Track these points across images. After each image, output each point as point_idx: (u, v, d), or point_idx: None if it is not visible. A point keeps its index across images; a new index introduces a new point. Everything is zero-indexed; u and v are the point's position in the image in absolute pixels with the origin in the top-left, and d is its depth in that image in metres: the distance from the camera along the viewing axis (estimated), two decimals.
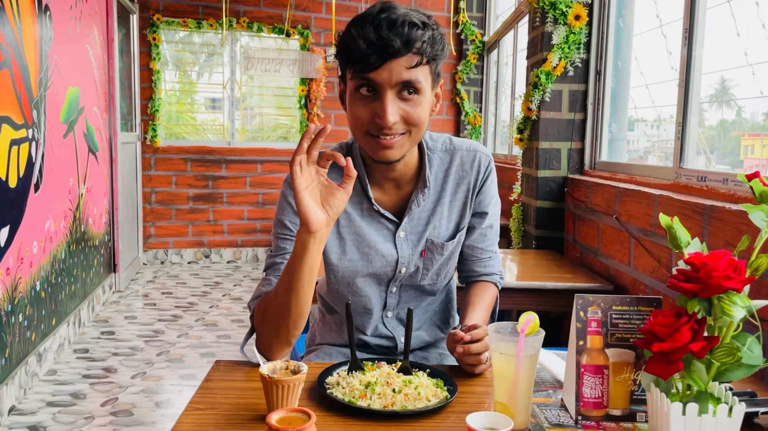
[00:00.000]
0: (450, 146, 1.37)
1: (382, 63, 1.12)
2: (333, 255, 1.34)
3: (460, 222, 1.38)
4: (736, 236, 1.58)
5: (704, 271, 0.83)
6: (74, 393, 2.93)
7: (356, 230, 1.33)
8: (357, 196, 1.32)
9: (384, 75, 1.13)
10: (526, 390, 1.01)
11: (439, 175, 1.35)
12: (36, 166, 3.02)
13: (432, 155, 1.35)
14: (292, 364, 1.06)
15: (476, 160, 1.36)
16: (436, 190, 1.35)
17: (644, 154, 3.17)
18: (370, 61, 1.11)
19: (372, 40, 1.11)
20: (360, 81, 1.15)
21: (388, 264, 1.34)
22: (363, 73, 1.14)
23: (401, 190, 1.34)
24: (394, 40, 1.10)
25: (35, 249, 3.00)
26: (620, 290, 2.35)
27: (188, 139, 5.95)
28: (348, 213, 1.32)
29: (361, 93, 1.16)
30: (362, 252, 1.34)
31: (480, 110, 5.90)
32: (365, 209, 1.33)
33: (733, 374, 0.85)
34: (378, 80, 1.14)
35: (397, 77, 1.13)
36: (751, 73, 2.06)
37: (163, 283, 5.11)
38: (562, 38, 2.88)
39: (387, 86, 1.14)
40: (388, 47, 1.11)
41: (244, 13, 5.67)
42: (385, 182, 1.32)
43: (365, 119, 1.17)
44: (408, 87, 1.15)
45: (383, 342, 1.44)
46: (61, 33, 3.45)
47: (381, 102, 1.15)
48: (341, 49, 1.17)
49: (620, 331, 1.04)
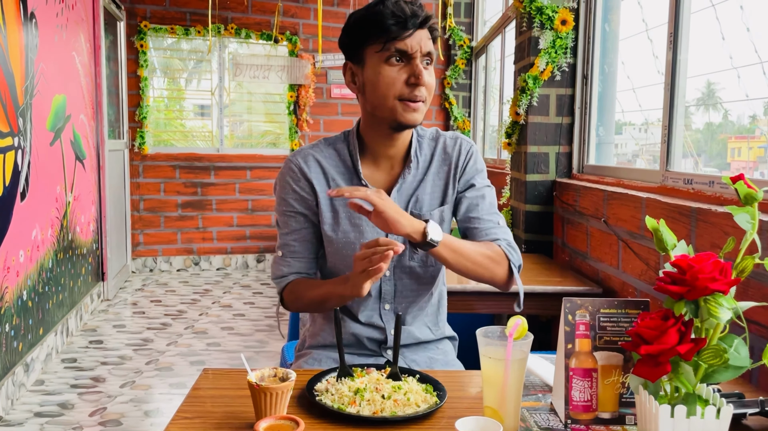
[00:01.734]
0: (436, 134, 1.50)
1: (414, 30, 1.29)
2: (327, 226, 1.42)
3: (443, 198, 1.45)
4: (723, 238, 1.59)
5: (690, 273, 0.83)
6: (62, 403, 2.90)
7: (346, 203, 1.39)
8: (348, 173, 1.43)
9: (415, 43, 1.30)
10: (515, 394, 1.01)
11: (427, 157, 1.46)
12: (22, 174, 2.99)
13: (422, 141, 1.47)
14: (280, 371, 1.05)
15: (457, 144, 1.48)
16: (423, 169, 1.45)
17: (632, 157, 3.19)
18: (407, 27, 1.28)
19: (404, 10, 1.28)
20: (394, 51, 1.30)
21: (378, 234, 1.39)
22: (397, 40, 1.29)
23: (393, 170, 1.44)
24: (420, 13, 1.30)
25: (22, 258, 2.98)
26: (609, 293, 2.35)
27: (177, 146, 5.93)
28: (339, 187, 1.38)
29: (392, 62, 1.31)
30: (354, 224, 1.41)
31: (469, 115, 5.92)
32: (355, 184, 1.41)
33: (720, 376, 0.86)
34: (411, 48, 1.29)
35: (425, 47, 1.31)
36: (737, 77, 2.08)
37: (152, 291, 5.08)
38: (549, 43, 2.89)
39: (418, 53, 1.31)
40: (417, 17, 1.29)
41: (232, 20, 5.66)
42: (382, 160, 1.43)
43: (399, 84, 1.31)
44: (428, 56, 1.33)
45: (374, 334, 1.45)
46: (47, 40, 3.43)
47: (415, 67, 1.30)
48: (368, 22, 1.31)
49: (608, 334, 1.05)
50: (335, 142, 1.46)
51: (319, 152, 1.44)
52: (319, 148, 1.45)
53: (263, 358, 3.57)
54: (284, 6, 5.74)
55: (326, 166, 1.43)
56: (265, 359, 3.57)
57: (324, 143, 1.46)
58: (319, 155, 1.44)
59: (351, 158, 1.43)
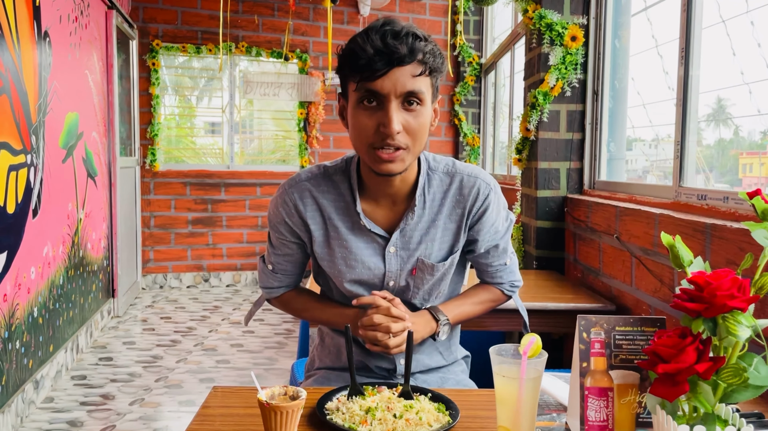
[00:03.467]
0: (452, 169, 1.36)
1: (388, 69, 1.13)
2: (324, 262, 1.38)
3: (453, 245, 1.37)
4: (738, 254, 1.57)
5: (708, 290, 0.82)
6: (71, 420, 2.89)
7: (343, 243, 1.34)
8: (346, 211, 1.34)
9: (389, 84, 1.14)
10: (529, 413, 0.99)
11: (437, 196, 1.34)
12: (34, 191, 3.01)
13: (432, 175, 1.35)
14: (290, 390, 1.04)
15: (476, 186, 1.35)
16: (433, 211, 1.34)
17: (643, 173, 3.17)
18: (376, 67, 1.13)
19: (378, 47, 1.13)
20: (364, 92, 1.16)
21: (375, 276, 1.36)
22: (369, 81, 1.15)
23: (396, 207, 1.34)
24: (399, 47, 1.13)
25: (33, 275, 2.99)
26: (622, 310, 2.33)
27: (187, 163, 5.96)
28: (336, 227, 1.34)
29: (365, 104, 1.18)
30: (348, 265, 1.36)
31: (478, 131, 5.92)
32: (354, 224, 1.34)
33: (740, 395, 0.84)
34: (383, 90, 1.15)
35: (402, 87, 1.15)
36: (748, 92, 2.07)
37: (162, 308, 5.08)
38: (559, 59, 2.89)
39: (392, 95, 1.15)
40: (394, 53, 1.13)
41: (243, 38, 5.71)
42: (382, 197, 1.33)
43: (369, 131, 1.18)
44: (411, 97, 1.17)
45: (383, 363, 1.42)
46: (61, 59, 3.47)
47: (386, 111, 1.16)
48: (345, 58, 1.19)
49: (624, 352, 1.03)
50: (335, 173, 1.36)
51: (316, 185, 1.34)
52: (317, 180, 1.35)
53: (272, 376, 3.55)
54: (294, 24, 5.79)
55: (323, 203, 1.34)
56: (274, 376, 3.55)
57: (323, 175, 1.36)
58: (316, 191, 1.34)
59: (351, 193, 1.33)
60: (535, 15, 2.92)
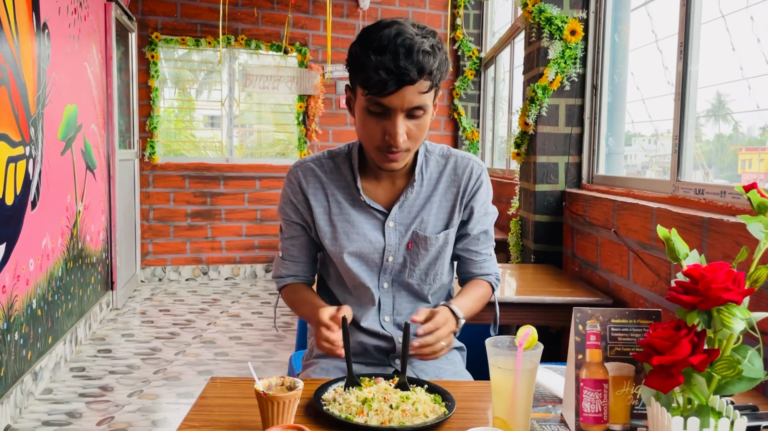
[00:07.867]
0: (447, 152, 1.47)
1: (397, 89, 1.20)
2: (327, 241, 1.43)
3: (448, 221, 1.44)
4: (735, 248, 1.58)
5: (703, 283, 0.82)
6: (70, 412, 2.90)
7: (345, 218, 1.42)
8: (347, 188, 1.43)
9: (397, 101, 1.21)
10: (525, 404, 1.00)
11: (434, 175, 1.44)
12: (33, 183, 3.01)
13: (429, 156, 1.45)
14: (287, 380, 1.04)
15: (469, 167, 1.45)
16: (429, 188, 1.43)
17: (642, 168, 3.17)
18: (387, 86, 1.19)
19: (391, 69, 1.18)
20: (373, 103, 1.23)
21: (375, 250, 1.41)
22: (378, 97, 1.21)
23: (396, 184, 1.43)
24: (411, 70, 1.18)
25: (32, 266, 2.99)
26: (619, 304, 2.33)
27: (186, 156, 5.96)
28: (339, 202, 1.42)
29: (372, 111, 1.25)
30: (350, 239, 1.41)
31: (477, 125, 5.92)
32: (355, 200, 1.42)
33: (734, 387, 0.84)
34: (391, 104, 1.22)
35: (409, 103, 1.22)
36: (747, 87, 2.07)
37: (161, 301, 5.08)
38: (558, 53, 2.89)
39: (399, 110, 1.23)
40: (405, 76, 1.18)
41: (242, 31, 5.70)
42: (383, 175, 1.42)
43: (376, 137, 1.27)
44: (417, 110, 1.25)
45: (380, 343, 1.45)
46: (60, 51, 3.47)
47: (392, 123, 1.24)
48: (357, 71, 1.24)
49: (619, 345, 1.03)
50: (338, 155, 1.46)
51: (319, 165, 1.45)
52: (320, 161, 1.46)
53: (271, 368, 3.56)
54: (294, 17, 5.77)
55: (325, 180, 1.43)
56: (273, 369, 3.56)
57: (326, 155, 1.47)
58: (319, 169, 1.44)
59: (351, 173, 1.43)
60: (534, 9, 2.91)
